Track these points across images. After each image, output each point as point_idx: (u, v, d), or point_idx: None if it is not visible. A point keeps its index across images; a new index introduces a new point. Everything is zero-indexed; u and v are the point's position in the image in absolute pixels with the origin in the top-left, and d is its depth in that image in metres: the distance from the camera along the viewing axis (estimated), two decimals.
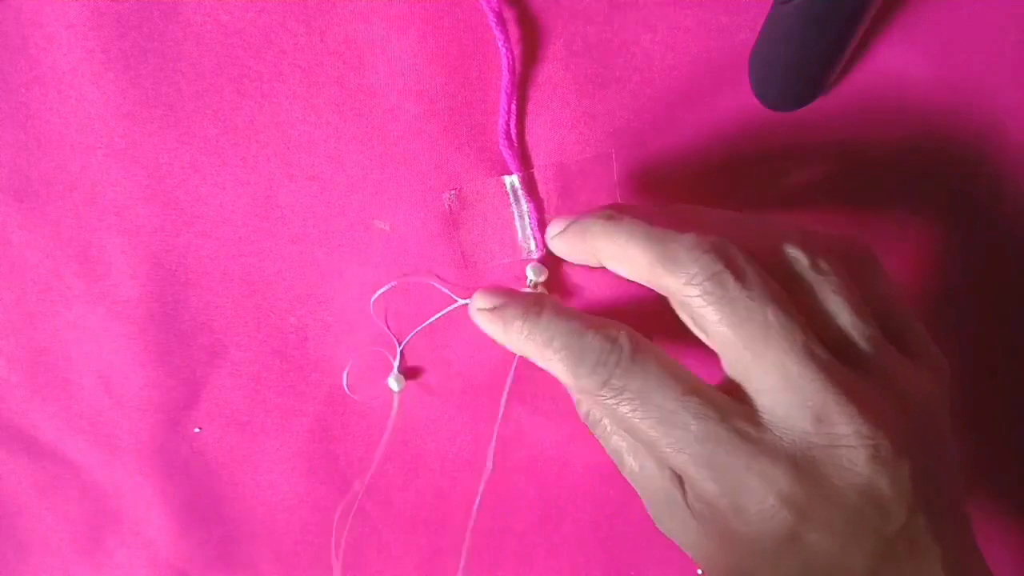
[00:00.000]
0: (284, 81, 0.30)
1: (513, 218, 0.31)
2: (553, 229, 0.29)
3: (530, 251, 0.32)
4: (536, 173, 0.31)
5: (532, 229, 0.31)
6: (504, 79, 0.29)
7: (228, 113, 0.31)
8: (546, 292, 0.31)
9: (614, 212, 0.26)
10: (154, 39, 0.30)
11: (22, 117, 0.31)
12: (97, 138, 0.31)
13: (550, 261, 0.32)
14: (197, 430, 0.36)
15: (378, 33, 0.29)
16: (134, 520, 0.38)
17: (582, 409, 0.30)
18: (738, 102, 0.30)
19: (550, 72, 0.30)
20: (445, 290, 0.32)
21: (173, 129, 0.31)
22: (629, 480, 0.29)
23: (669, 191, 0.31)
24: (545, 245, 0.31)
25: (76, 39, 0.30)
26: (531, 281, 0.31)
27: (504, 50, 0.29)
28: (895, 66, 0.30)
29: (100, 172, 0.32)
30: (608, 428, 0.29)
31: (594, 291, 0.33)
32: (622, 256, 0.25)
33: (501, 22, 0.28)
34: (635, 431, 0.24)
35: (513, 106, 0.30)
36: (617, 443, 0.29)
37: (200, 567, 0.39)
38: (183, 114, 0.31)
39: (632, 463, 0.28)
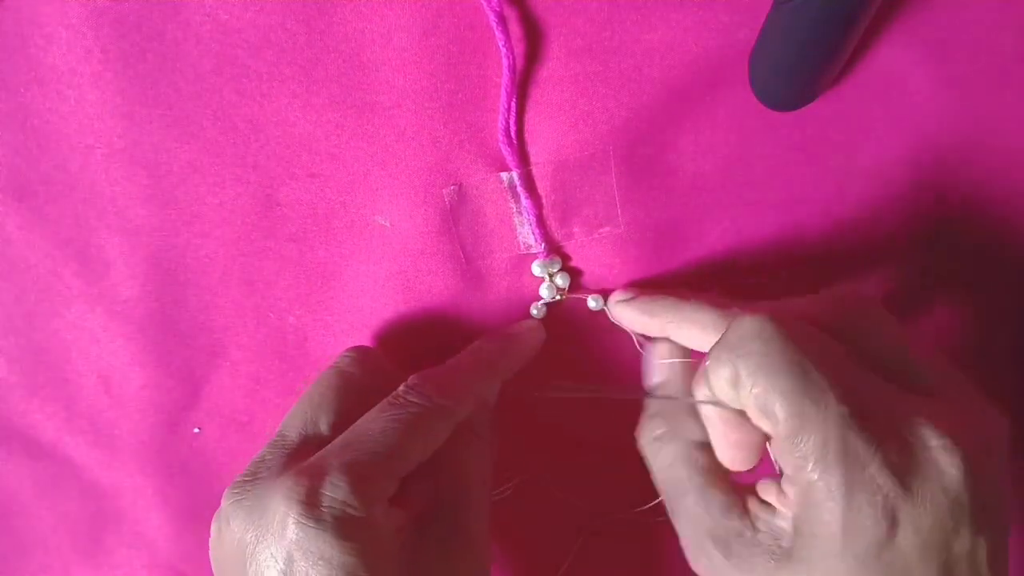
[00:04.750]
0: (284, 80, 0.30)
1: (512, 214, 0.31)
2: (618, 296, 0.32)
3: (528, 247, 0.32)
4: (535, 171, 0.31)
5: (530, 225, 0.31)
6: (504, 78, 0.29)
7: (228, 112, 0.31)
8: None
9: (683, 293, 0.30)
10: (154, 39, 0.30)
11: (22, 117, 0.31)
12: (97, 138, 0.31)
13: (554, 253, 0.32)
14: (197, 430, 0.36)
15: (378, 32, 0.29)
16: (134, 520, 0.38)
17: (653, 432, 0.29)
18: (738, 102, 0.30)
19: (550, 71, 0.30)
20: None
21: (173, 129, 0.31)
22: (680, 515, 0.28)
23: (667, 191, 0.31)
24: (543, 240, 0.31)
25: (76, 39, 0.30)
26: (545, 276, 0.32)
27: (504, 49, 0.29)
28: (895, 66, 0.30)
29: (100, 172, 0.32)
30: (682, 459, 0.28)
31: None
32: (692, 319, 0.28)
33: (502, 21, 0.28)
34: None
35: (513, 104, 0.30)
36: (692, 477, 0.28)
37: (200, 567, 0.39)
38: (183, 114, 0.31)
39: (695, 501, 0.27)
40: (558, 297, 0.33)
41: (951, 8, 0.29)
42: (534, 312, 0.33)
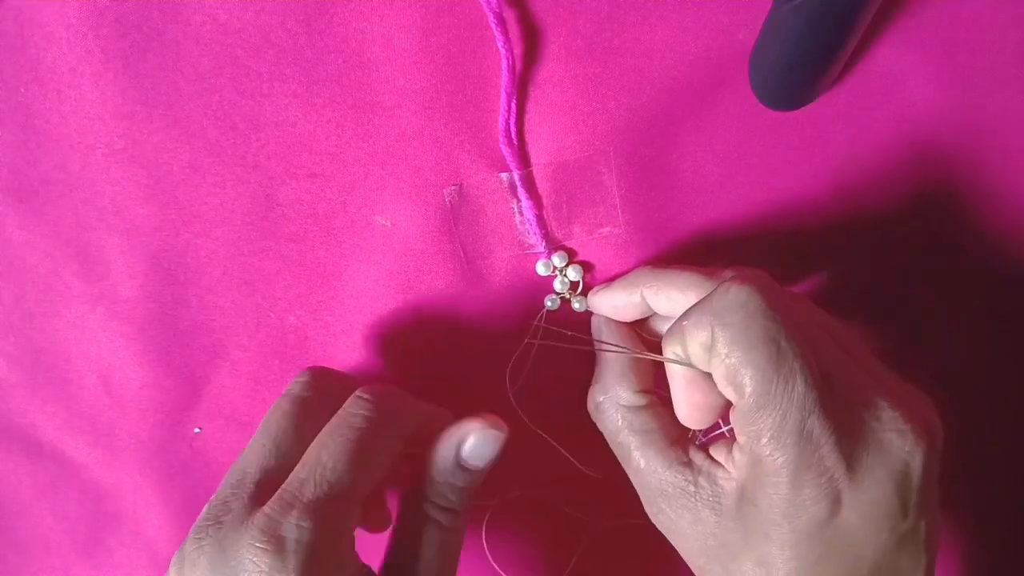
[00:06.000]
0: (284, 80, 0.30)
1: (512, 215, 0.31)
2: (594, 289, 0.32)
3: (529, 247, 0.32)
4: (535, 171, 0.31)
5: (531, 225, 0.31)
6: (504, 78, 0.29)
7: (228, 112, 0.31)
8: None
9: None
10: (154, 39, 0.30)
11: (22, 117, 0.31)
12: (97, 138, 0.31)
13: (560, 249, 0.32)
14: (197, 430, 0.36)
15: (378, 32, 0.29)
16: (134, 520, 0.38)
17: (594, 400, 0.30)
18: (738, 102, 0.30)
19: (550, 72, 0.30)
20: None
21: (173, 129, 0.31)
22: (631, 475, 0.29)
23: (667, 191, 0.31)
24: (544, 240, 0.31)
25: (76, 39, 0.30)
26: (556, 272, 0.32)
27: (504, 50, 0.29)
28: (895, 66, 0.30)
29: (100, 172, 0.32)
30: (620, 423, 0.29)
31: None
32: (671, 282, 0.28)
33: (501, 22, 0.28)
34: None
35: (513, 105, 0.30)
36: (626, 438, 0.29)
37: None
38: (183, 114, 0.31)
39: (639, 459, 0.28)
40: (567, 295, 0.33)
41: (951, 8, 0.29)
42: (548, 304, 0.33)
